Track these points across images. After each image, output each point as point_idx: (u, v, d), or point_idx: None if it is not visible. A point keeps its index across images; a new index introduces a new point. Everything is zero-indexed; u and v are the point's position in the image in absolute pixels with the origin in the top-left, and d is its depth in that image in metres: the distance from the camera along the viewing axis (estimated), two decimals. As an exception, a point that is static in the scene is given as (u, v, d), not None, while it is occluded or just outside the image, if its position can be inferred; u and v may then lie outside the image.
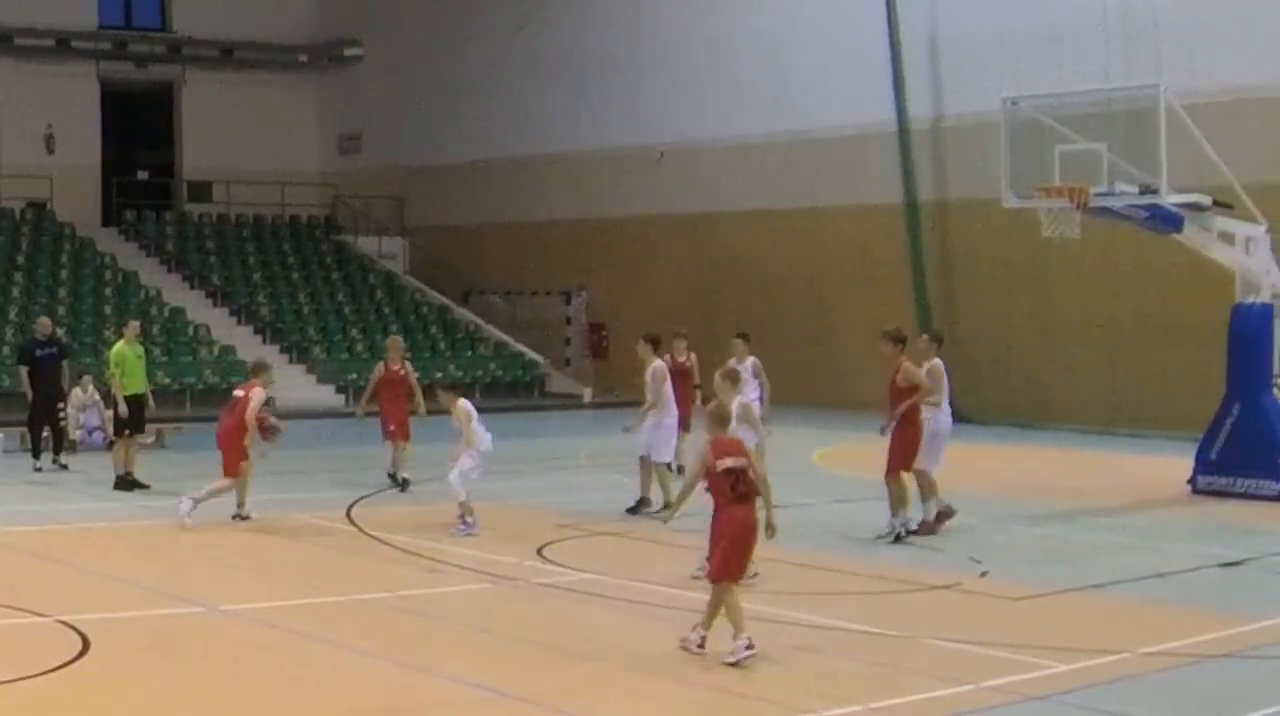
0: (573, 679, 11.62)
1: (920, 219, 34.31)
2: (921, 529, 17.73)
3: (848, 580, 15.38)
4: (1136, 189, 20.88)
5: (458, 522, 17.95)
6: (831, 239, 36.11)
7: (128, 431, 22.08)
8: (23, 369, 24.37)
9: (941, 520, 17.91)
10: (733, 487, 12.00)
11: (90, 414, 26.75)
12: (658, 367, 19.70)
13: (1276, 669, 12.24)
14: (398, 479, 22.12)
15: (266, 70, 47.62)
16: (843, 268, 35.85)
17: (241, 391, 19.34)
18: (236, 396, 19.37)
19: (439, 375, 36.27)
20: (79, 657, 11.77)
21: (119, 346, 22.70)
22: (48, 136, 44.01)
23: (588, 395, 39.20)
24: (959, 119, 33.19)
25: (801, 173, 36.67)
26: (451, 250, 44.61)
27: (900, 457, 17.45)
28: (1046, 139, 21.41)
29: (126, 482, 21.74)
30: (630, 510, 19.46)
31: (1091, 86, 24.36)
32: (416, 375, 23.30)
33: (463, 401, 18.36)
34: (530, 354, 40.51)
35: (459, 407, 18.22)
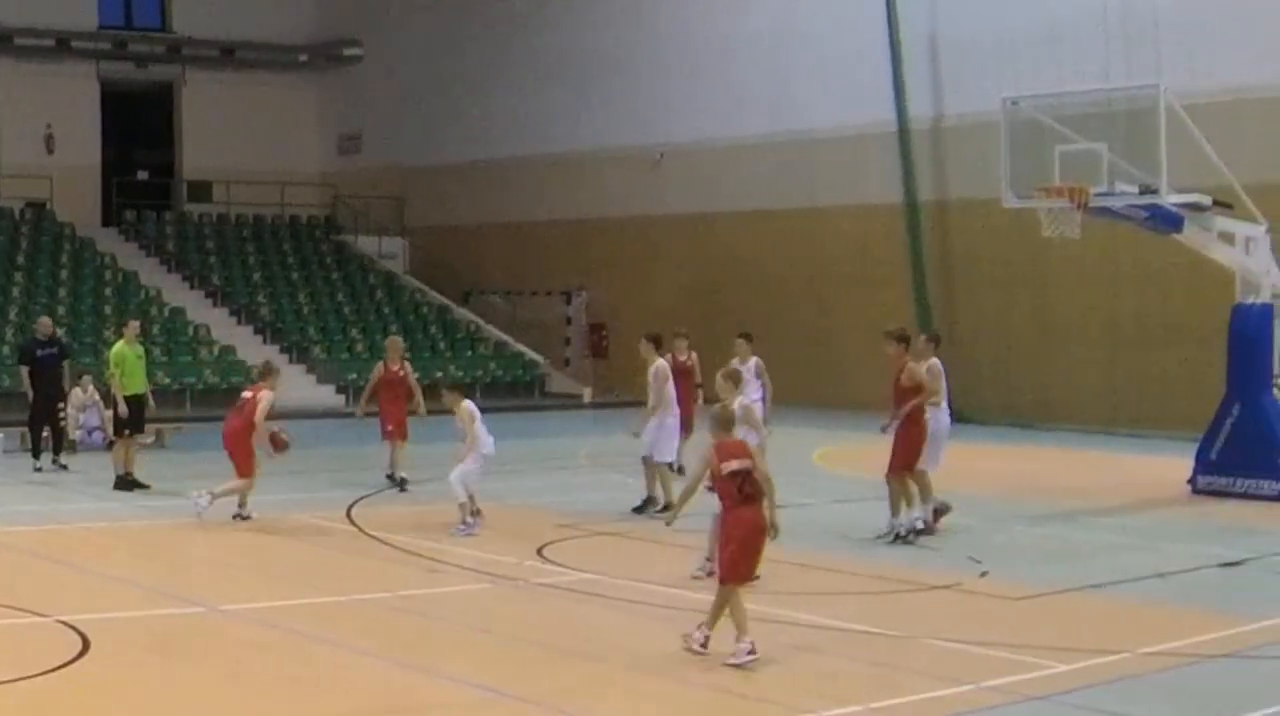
0: (573, 679, 11.62)
1: (920, 219, 34.31)
2: (923, 529, 17.74)
3: (848, 580, 15.39)
4: (1136, 189, 20.87)
5: (458, 522, 17.97)
6: (831, 239, 36.11)
7: (128, 431, 22.08)
8: (23, 369, 24.36)
9: (938, 517, 17.92)
10: (739, 489, 11.97)
11: (90, 414, 26.75)
12: (660, 367, 19.66)
13: (1276, 669, 12.23)
14: (396, 479, 22.13)
15: (266, 70, 47.62)
16: (842, 268, 35.85)
17: (250, 392, 19.41)
18: (244, 397, 19.44)
19: (439, 375, 36.28)
20: (79, 657, 11.76)
21: (119, 346, 22.69)
22: (47, 136, 44.00)
23: (588, 395, 39.21)
24: (959, 119, 33.19)
25: (801, 173, 36.67)
26: (451, 250, 44.61)
27: (903, 457, 17.44)
28: (1046, 139, 21.40)
29: (126, 482, 21.73)
30: (636, 509, 19.43)
31: (1091, 86, 24.35)
32: (416, 376, 23.31)
33: (467, 402, 18.38)
34: (530, 354, 40.51)
35: (463, 408, 18.23)
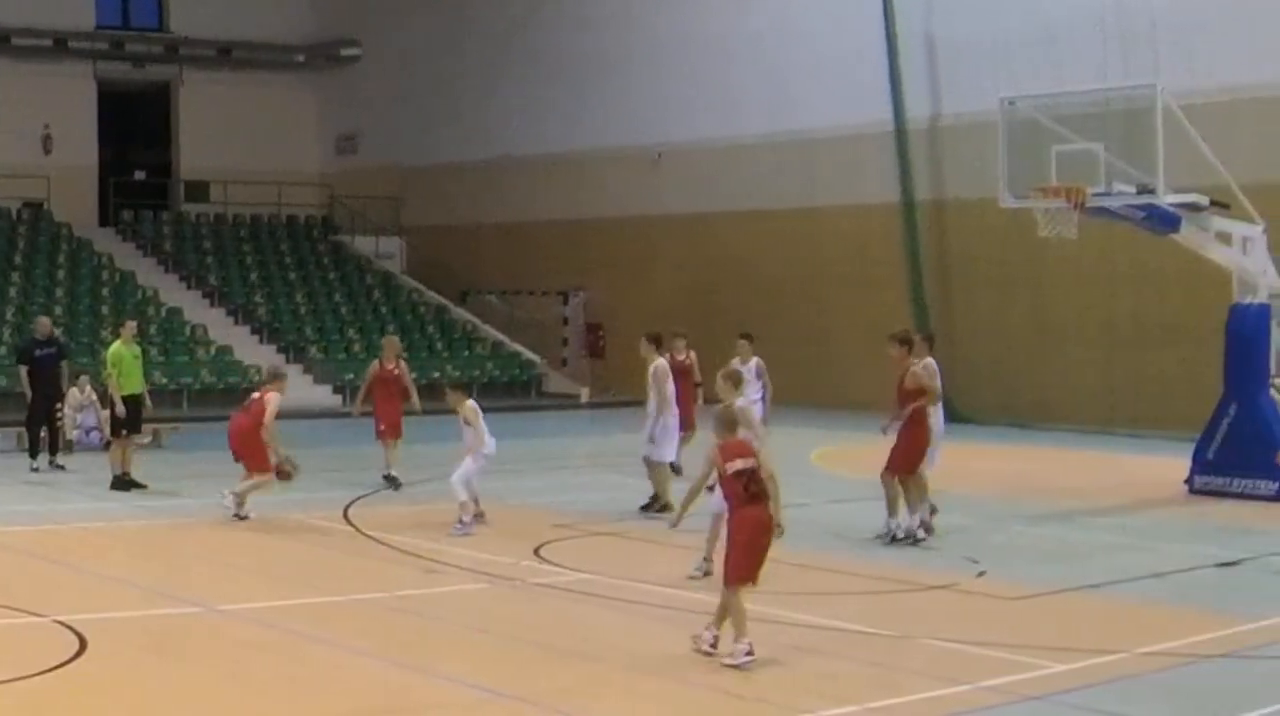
0: (570, 679, 11.62)
1: (917, 219, 34.31)
2: (925, 533, 17.70)
3: (846, 580, 15.39)
4: (1134, 189, 20.88)
5: (457, 524, 17.99)
6: (828, 239, 36.11)
7: (125, 431, 22.08)
8: (22, 369, 24.33)
9: (929, 530, 17.79)
10: (745, 488, 11.93)
11: (87, 414, 26.74)
12: (660, 366, 19.65)
13: (1273, 668, 12.24)
14: (393, 479, 22.15)
15: (264, 70, 47.59)
16: (840, 268, 35.85)
17: (258, 393, 19.51)
18: (252, 397, 19.56)
19: (436, 375, 36.35)
20: (76, 657, 11.76)
21: (116, 346, 22.68)
22: (45, 136, 43.97)
23: (585, 395, 39.21)
24: (956, 119, 33.18)
25: (798, 173, 36.67)
26: (448, 250, 44.60)
27: (903, 459, 17.33)
28: (1043, 139, 21.41)
29: (123, 482, 21.73)
30: (644, 508, 19.41)
31: (1088, 86, 24.35)
32: (413, 375, 23.30)
33: (470, 401, 18.43)
34: (527, 354, 40.50)
35: (466, 407, 18.26)
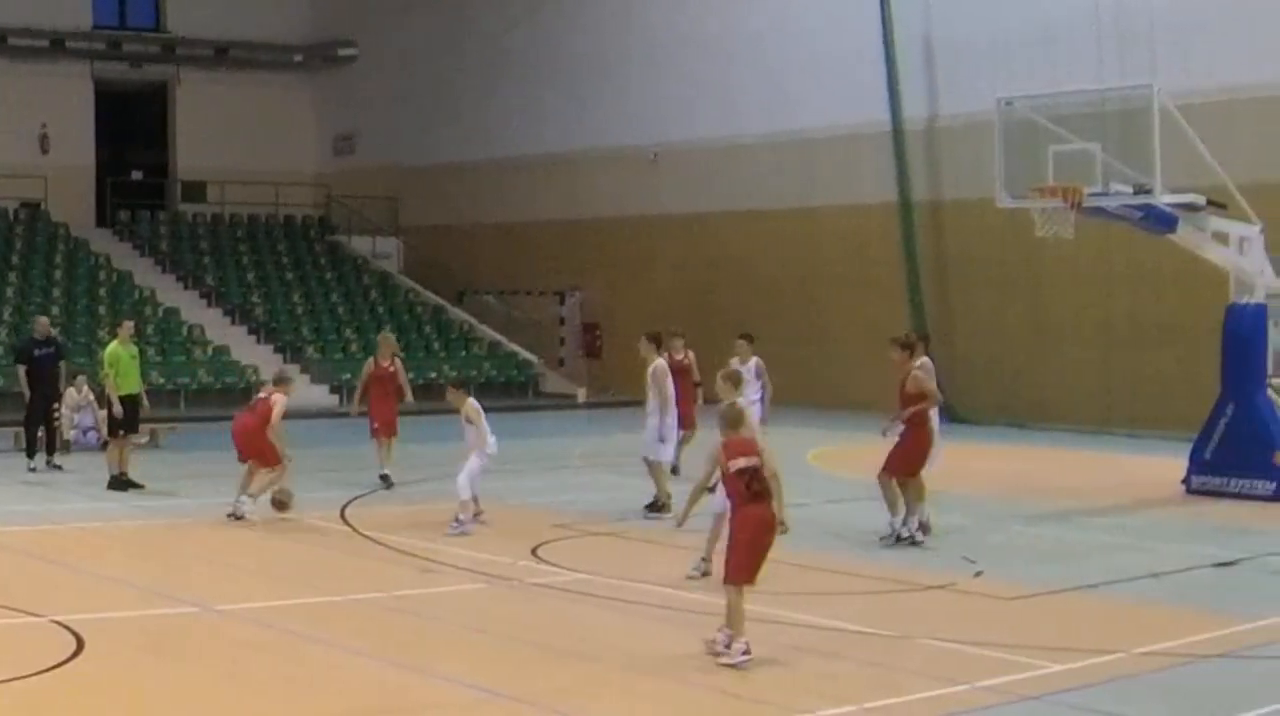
0: (568, 679, 11.62)
1: (914, 219, 34.30)
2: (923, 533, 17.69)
3: (843, 580, 15.39)
4: (1131, 189, 20.88)
5: (454, 522, 18.01)
6: (825, 239, 36.10)
7: (122, 431, 22.09)
8: (20, 368, 24.32)
9: (926, 531, 17.77)
10: (748, 487, 11.91)
11: (84, 414, 26.74)
12: (659, 366, 19.65)
13: (1271, 668, 12.24)
14: (388, 478, 22.17)
15: (261, 70, 47.56)
16: (837, 268, 35.84)
17: (265, 393, 19.59)
18: (259, 397, 19.66)
19: (433, 375, 36.36)
20: (73, 657, 11.76)
21: (113, 347, 22.68)
22: (42, 136, 43.93)
23: (582, 395, 39.19)
24: (953, 119, 33.18)
25: (795, 173, 36.66)
26: (446, 250, 44.58)
27: (901, 461, 17.24)
28: (1041, 139, 21.40)
29: (121, 483, 21.74)
30: (649, 507, 19.36)
31: (1085, 87, 24.33)
32: (410, 375, 23.30)
33: (471, 400, 18.46)
34: (524, 354, 40.48)
35: (468, 406, 18.28)
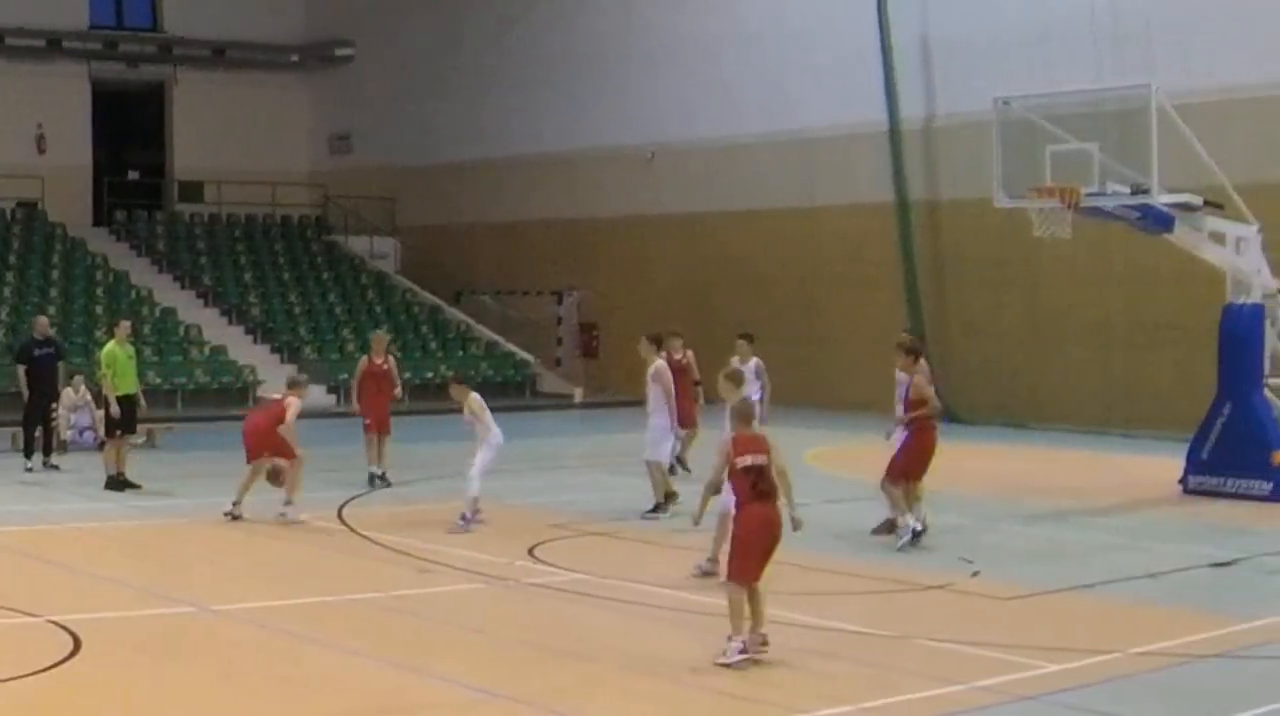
0: (564, 679, 11.62)
1: (911, 219, 34.29)
2: (882, 528, 17.69)
3: (841, 580, 15.38)
4: (1128, 189, 20.88)
5: (460, 520, 18.06)
6: (823, 239, 36.07)
7: (119, 432, 22.07)
8: (20, 368, 24.32)
9: (891, 529, 17.77)
10: (753, 485, 11.88)
11: (81, 414, 26.74)
12: (660, 367, 19.66)
13: (1267, 669, 12.24)
14: (385, 477, 22.22)
15: (257, 70, 47.50)
16: (835, 268, 35.81)
17: (279, 396, 19.63)
18: (273, 398, 19.77)
19: (430, 375, 36.39)
20: (70, 657, 11.76)
21: (110, 347, 22.66)
22: (39, 136, 43.88)
23: (579, 395, 39.18)
24: (950, 119, 33.16)
25: (793, 172, 36.64)
26: (443, 250, 44.55)
27: (901, 468, 17.15)
28: (1038, 139, 21.39)
29: (118, 483, 21.73)
30: (654, 507, 19.34)
31: (1083, 86, 24.34)
32: (406, 375, 23.30)
33: (474, 393, 18.47)
34: (521, 354, 40.45)
35: (472, 400, 18.30)
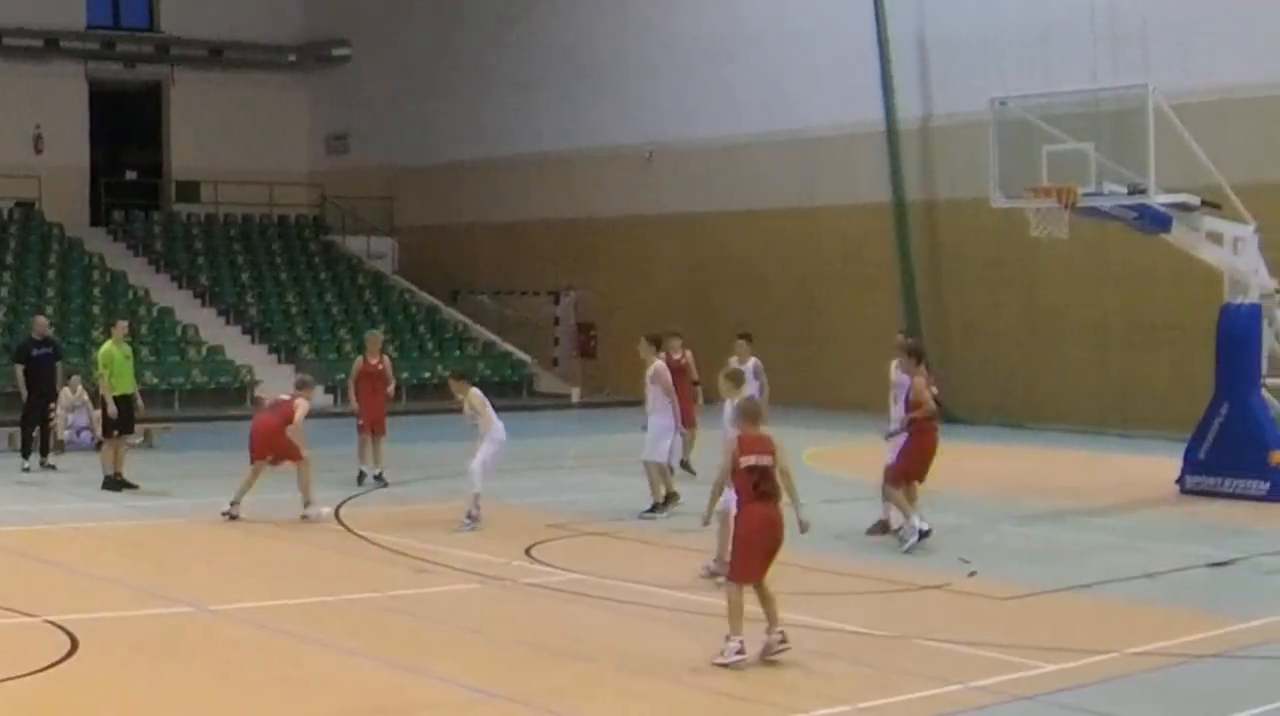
0: (561, 679, 11.62)
1: (908, 219, 34.29)
2: (876, 528, 17.70)
3: (837, 580, 15.37)
4: (1125, 189, 20.88)
5: (463, 516, 18.06)
6: (823, 239, 36.06)
7: (116, 432, 22.06)
8: (18, 368, 24.31)
9: (885, 530, 17.79)
10: (755, 486, 11.86)
11: (79, 414, 26.73)
12: (660, 367, 19.66)
13: (1264, 669, 12.24)
14: (382, 477, 22.22)
15: (255, 70, 47.49)
16: (834, 268, 35.80)
17: (288, 396, 19.64)
18: (282, 398, 19.72)
19: (427, 375, 36.37)
20: (67, 657, 11.76)
21: (107, 347, 22.65)
22: (36, 136, 43.86)
23: (576, 395, 39.16)
24: (947, 119, 33.15)
25: (792, 172, 36.63)
26: (440, 250, 44.55)
27: (903, 468, 17.14)
28: (1035, 139, 21.39)
29: (115, 483, 21.72)
30: (657, 507, 19.34)
31: (1080, 86, 24.34)
32: (404, 375, 23.31)
33: (474, 388, 18.45)
34: (518, 354, 40.44)
35: (472, 395, 18.29)
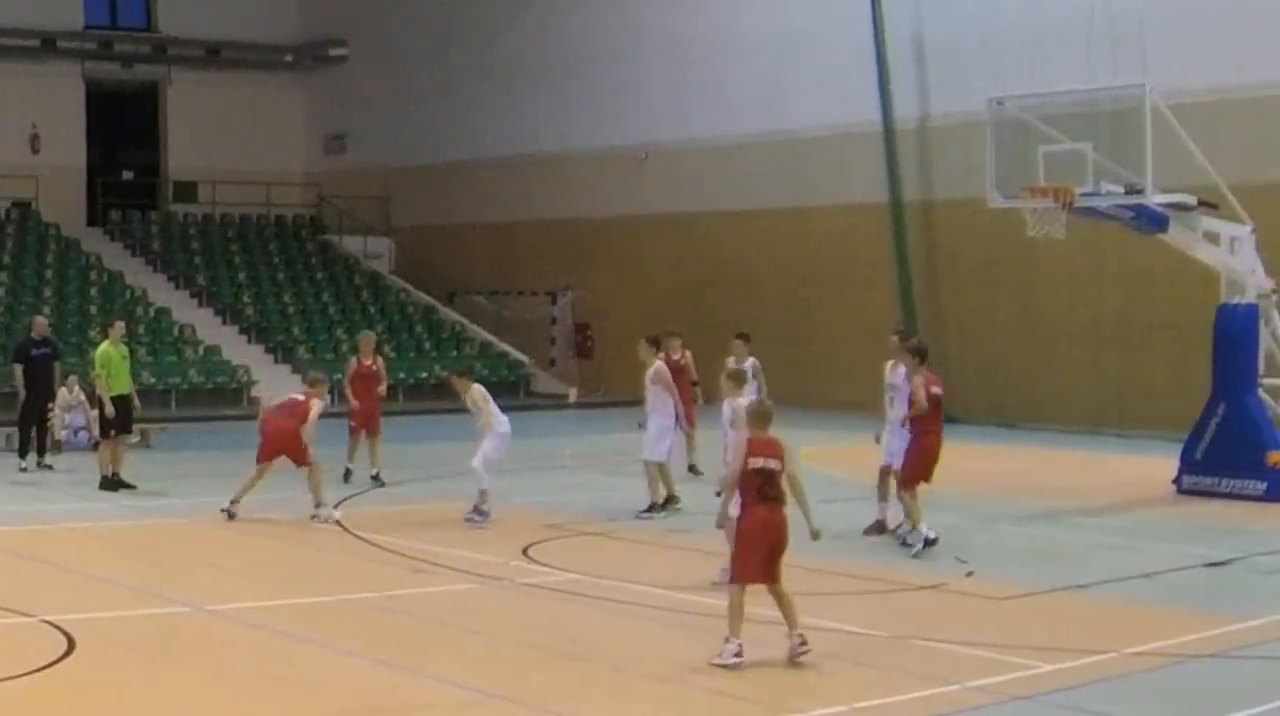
0: (558, 679, 11.61)
1: (905, 219, 34.29)
2: (873, 529, 17.70)
3: (835, 581, 15.36)
4: (1122, 189, 20.88)
5: (472, 512, 18.07)
6: (818, 239, 36.06)
7: (113, 432, 22.04)
8: (17, 368, 24.30)
9: (882, 530, 17.79)
10: (759, 489, 11.86)
11: (76, 414, 26.72)
12: (659, 368, 19.67)
13: (1261, 669, 12.24)
14: (379, 477, 22.22)
15: (252, 70, 47.49)
16: (829, 268, 35.81)
17: (302, 396, 19.59)
18: (296, 399, 19.65)
19: (424, 375, 36.36)
20: (64, 657, 11.75)
21: (104, 347, 22.63)
22: (33, 136, 43.85)
23: (573, 395, 39.15)
24: (944, 119, 33.16)
25: (787, 173, 36.62)
26: (437, 250, 44.55)
27: (912, 470, 17.06)
28: (1032, 139, 21.40)
29: (112, 483, 21.70)
30: (663, 505, 19.35)
31: (1077, 87, 24.32)
32: (400, 375, 23.31)
33: (476, 385, 18.44)
34: (515, 354, 40.43)
35: (474, 392, 18.29)
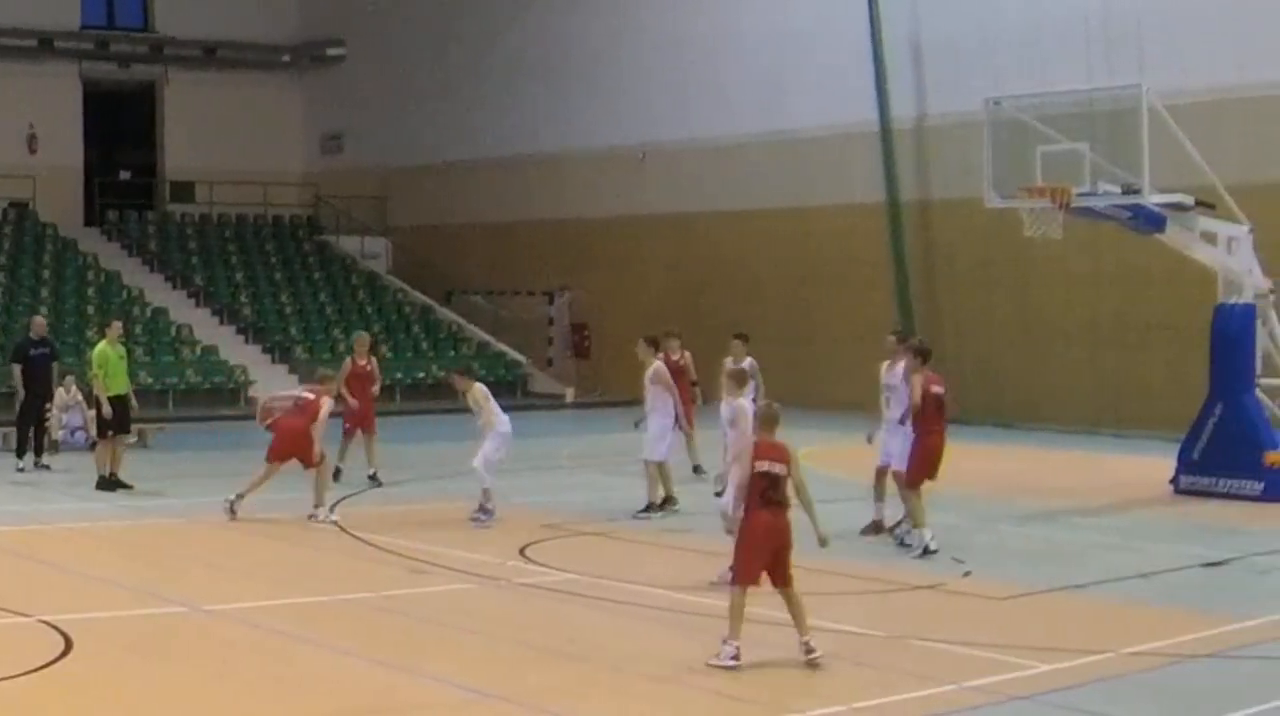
0: (556, 679, 11.62)
1: (902, 219, 34.30)
2: (870, 529, 17.70)
3: (833, 581, 15.34)
4: (1119, 189, 20.89)
5: (477, 512, 18.07)
6: (817, 239, 36.05)
7: (111, 432, 22.03)
8: (15, 368, 24.29)
9: (879, 530, 17.77)
10: (763, 492, 11.85)
11: (73, 414, 26.70)
12: (659, 368, 19.67)
13: (1259, 669, 12.26)
14: (376, 477, 22.23)
15: (249, 70, 47.48)
16: (828, 268, 35.80)
17: (312, 395, 19.54)
18: (306, 398, 19.61)
19: (421, 375, 36.35)
20: (62, 657, 11.75)
21: (101, 347, 22.63)
22: (30, 136, 43.82)
23: (570, 395, 39.14)
24: (942, 119, 33.16)
25: (786, 173, 36.61)
26: (434, 250, 44.53)
27: (916, 471, 17.03)
28: (1029, 139, 21.40)
29: (109, 483, 21.69)
30: (661, 506, 19.36)
31: (1074, 87, 24.33)
32: (398, 375, 23.31)
33: (478, 384, 18.43)
34: (512, 354, 40.41)
35: (475, 391, 18.29)
